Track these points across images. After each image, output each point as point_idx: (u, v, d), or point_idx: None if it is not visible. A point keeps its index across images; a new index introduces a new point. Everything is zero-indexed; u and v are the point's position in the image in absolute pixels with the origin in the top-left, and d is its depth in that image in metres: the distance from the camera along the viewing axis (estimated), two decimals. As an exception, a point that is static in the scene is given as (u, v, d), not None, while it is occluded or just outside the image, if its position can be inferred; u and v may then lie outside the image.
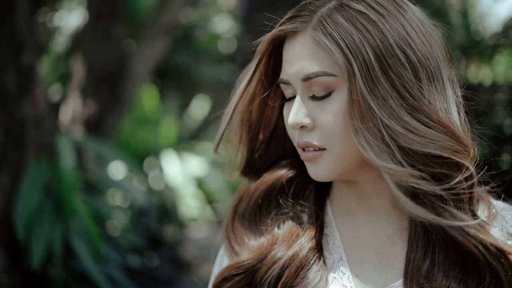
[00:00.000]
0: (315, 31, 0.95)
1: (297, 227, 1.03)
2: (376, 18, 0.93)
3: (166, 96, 6.30)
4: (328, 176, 0.99)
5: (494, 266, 0.92)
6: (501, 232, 0.96)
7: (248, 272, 1.01)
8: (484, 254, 0.91)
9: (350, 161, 0.97)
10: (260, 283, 0.99)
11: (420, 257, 0.94)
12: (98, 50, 3.63)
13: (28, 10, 2.58)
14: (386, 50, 0.92)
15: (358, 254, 1.01)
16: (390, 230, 1.00)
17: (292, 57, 0.98)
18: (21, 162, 2.56)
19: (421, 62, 0.93)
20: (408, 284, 0.94)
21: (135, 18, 4.95)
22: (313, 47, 0.95)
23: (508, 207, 1.00)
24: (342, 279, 0.99)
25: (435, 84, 0.95)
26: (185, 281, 4.35)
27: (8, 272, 2.51)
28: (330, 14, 0.95)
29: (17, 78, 2.53)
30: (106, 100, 3.63)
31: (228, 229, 1.10)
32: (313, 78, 0.95)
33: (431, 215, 0.92)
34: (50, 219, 2.57)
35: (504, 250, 0.92)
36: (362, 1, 0.95)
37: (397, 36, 0.93)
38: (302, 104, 0.97)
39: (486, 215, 0.96)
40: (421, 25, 0.96)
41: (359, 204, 1.03)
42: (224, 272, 1.03)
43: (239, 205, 1.10)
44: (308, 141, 0.97)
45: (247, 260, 1.01)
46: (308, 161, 0.99)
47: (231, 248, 1.07)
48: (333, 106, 0.95)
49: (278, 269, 0.98)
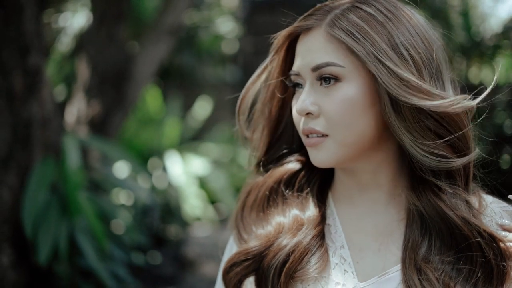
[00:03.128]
0: (329, 27, 1.03)
1: (302, 217, 1.10)
2: (384, 20, 1.03)
3: (169, 96, 6.34)
4: (328, 162, 1.06)
5: (486, 251, 0.99)
6: (490, 223, 1.04)
7: (256, 257, 1.08)
8: (478, 239, 0.99)
9: (351, 148, 1.04)
10: (267, 267, 1.06)
11: (418, 242, 1.02)
12: (103, 51, 3.66)
13: (34, 13, 2.62)
14: (393, 47, 1.00)
15: (359, 242, 1.08)
16: (388, 219, 1.08)
17: (304, 50, 1.06)
18: (28, 162, 2.60)
19: (424, 62, 1.02)
20: (406, 269, 1.01)
21: (139, 20, 4.99)
22: (324, 41, 1.03)
23: (496, 200, 1.09)
24: (344, 265, 1.06)
25: (436, 83, 1.03)
26: (187, 279, 4.39)
27: (16, 268, 2.55)
28: (343, 14, 1.04)
29: (24, 79, 2.57)
30: (110, 101, 3.66)
31: (237, 219, 1.17)
32: (322, 68, 1.03)
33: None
34: (57, 217, 2.61)
35: (495, 236, 1.00)
36: (372, 5, 1.05)
37: (402, 37, 1.02)
38: (310, 93, 1.05)
39: (477, 207, 1.04)
40: (425, 31, 1.05)
41: (359, 195, 1.10)
42: (234, 258, 1.11)
43: (248, 197, 1.18)
44: (312, 127, 1.04)
45: (255, 247, 1.09)
46: (310, 147, 1.06)
47: (240, 236, 1.15)
48: (338, 95, 1.02)
49: (284, 255, 1.06)
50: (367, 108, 1.02)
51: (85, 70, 3.69)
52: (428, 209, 1.02)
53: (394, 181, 1.08)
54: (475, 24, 5.48)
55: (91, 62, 3.67)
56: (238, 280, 1.09)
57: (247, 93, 1.18)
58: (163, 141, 5.51)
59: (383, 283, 1.04)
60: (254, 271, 1.09)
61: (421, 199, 1.03)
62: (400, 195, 1.08)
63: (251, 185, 1.19)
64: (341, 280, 1.05)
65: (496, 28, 5.52)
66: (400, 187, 1.07)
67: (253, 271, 1.09)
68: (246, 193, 1.18)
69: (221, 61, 7.51)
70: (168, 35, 3.85)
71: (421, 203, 1.03)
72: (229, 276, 1.10)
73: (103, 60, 3.67)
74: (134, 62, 3.76)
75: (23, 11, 2.55)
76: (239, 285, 1.10)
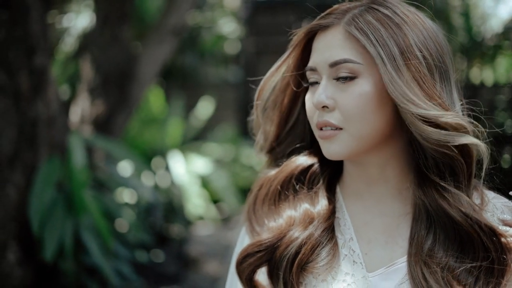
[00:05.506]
0: (348, 25, 1.08)
1: (312, 211, 1.15)
2: (400, 22, 1.08)
3: (172, 96, 6.37)
4: (340, 155, 1.10)
5: (487, 245, 1.04)
6: (492, 218, 1.09)
7: (268, 249, 1.13)
8: (479, 233, 1.04)
9: (363, 142, 1.08)
10: (280, 258, 1.11)
11: (423, 236, 1.07)
12: (106, 52, 3.68)
13: (40, 14, 2.64)
14: (408, 48, 1.06)
15: (367, 235, 1.13)
16: (396, 213, 1.13)
17: (322, 47, 1.10)
18: (34, 160, 2.63)
19: (436, 64, 1.07)
20: (412, 260, 1.06)
21: (142, 20, 5.02)
22: (343, 38, 1.08)
23: (498, 196, 1.13)
24: (353, 256, 1.12)
25: (445, 85, 1.09)
26: (190, 277, 4.42)
27: (22, 265, 2.58)
28: (361, 14, 1.09)
29: (30, 79, 2.59)
30: (114, 101, 3.68)
31: (250, 212, 1.22)
32: (340, 64, 1.07)
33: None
34: (62, 215, 2.63)
35: (496, 230, 1.05)
36: (388, 8, 1.10)
37: (416, 39, 1.07)
38: (327, 87, 1.09)
39: (479, 202, 1.09)
40: (436, 35, 1.11)
41: (367, 189, 1.15)
42: (247, 249, 1.15)
43: (260, 191, 1.22)
44: (327, 120, 1.08)
45: (268, 239, 1.14)
46: (324, 139, 1.10)
47: (253, 228, 1.19)
48: (354, 90, 1.07)
49: (296, 247, 1.11)
50: (381, 104, 1.07)
51: (89, 70, 3.71)
52: (433, 204, 1.07)
53: (401, 176, 1.13)
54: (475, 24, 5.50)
55: (95, 63, 3.69)
56: (251, 271, 1.14)
57: (266, 85, 1.22)
58: (166, 141, 5.54)
59: (390, 274, 1.09)
60: (266, 261, 1.13)
61: (426, 195, 1.08)
62: (406, 190, 1.12)
63: (263, 179, 1.23)
64: (350, 271, 1.10)
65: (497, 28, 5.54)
66: (408, 183, 1.12)
67: (265, 262, 1.13)
68: (258, 187, 1.23)
69: (223, 61, 7.54)
70: (171, 36, 3.86)
71: (427, 199, 1.08)
72: (243, 266, 1.15)
73: (107, 61, 3.68)
74: (137, 63, 3.77)
75: (29, 12, 2.58)
76: (252, 275, 1.14)
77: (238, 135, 6.80)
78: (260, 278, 1.15)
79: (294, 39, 1.17)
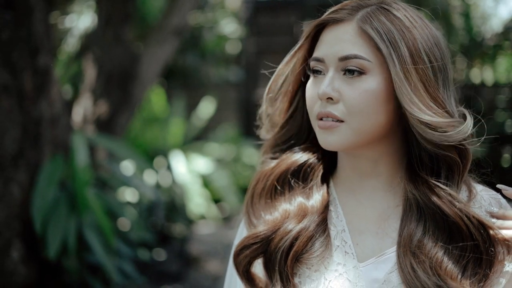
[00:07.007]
0: (362, 22, 1.11)
1: (306, 205, 1.19)
2: (411, 25, 1.11)
3: (173, 96, 6.40)
4: (338, 146, 1.13)
5: (475, 237, 1.08)
6: (480, 210, 1.13)
7: (264, 241, 1.17)
8: (468, 225, 1.08)
9: (362, 137, 1.12)
10: (274, 250, 1.15)
11: (413, 228, 1.11)
12: (109, 52, 3.71)
13: (43, 14, 2.67)
14: (416, 51, 1.09)
15: (358, 226, 1.18)
16: (386, 205, 1.17)
17: (332, 39, 1.13)
18: (38, 159, 2.65)
19: (440, 70, 1.12)
20: (400, 251, 1.10)
21: (144, 21, 5.05)
22: (355, 34, 1.11)
23: (486, 189, 1.17)
24: (344, 247, 1.16)
25: (446, 89, 1.13)
26: (191, 276, 4.45)
27: (26, 263, 2.61)
28: (374, 13, 1.12)
29: (33, 79, 2.62)
30: (116, 100, 3.70)
31: (247, 205, 1.26)
32: (351, 59, 1.10)
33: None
34: (65, 213, 2.66)
35: (484, 223, 1.09)
36: (400, 10, 1.13)
37: (424, 44, 1.11)
38: (333, 79, 1.12)
39: (468, 195, 1.13)
40: (439, 42, 1.15)
41: (359, 183, 1.19)
42: (244, 241, 1.19)
43: (257, 185, 1.26)
44: (330, 111, 1.11)
45: (263, 231, 1.18)
46: (323, 129, 1.13)
47: (250, 221, 1.24)
48: (361, 86, 1.10)
49: (290, 239, 1.15)
50: (385, 102, 1.10)
51: (91, 70, 3.73)
52: (424, 198, 1.11)
53: (393, 171, 1.17)
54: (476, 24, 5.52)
55: (97, 63, 3.71)
56: (247, 262, 1.18)
57: (278, 77, 1.25)
58: (167, 140, 5.57)
59: (380, 263, 1.13)
60: (262, 253, 1.17)
61: (417, 189, 1.12)
62: (398, 185, 1.17)
63: (260, 174, 1.28)
64: (342, 261, 1.14)
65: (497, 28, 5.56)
66: (399, 177, 1.16)
67: (261, 253, 1.17)
68: (255, 181, 1.27)
69: (224, 61, 7.56)
70: (173, 36, 3.88)
71: (418, 192, 1.12)
72: (240, 258, 1.19)
73: (109, 61, 3.71)
74: (139, 63, 3.79)
75: (32, 13, 2.60)
76: (248, 267, 1.18)
77: (239, 135, 6.82)
78: (257, 270, 1.19)
79: (305, 31, 1.20)
